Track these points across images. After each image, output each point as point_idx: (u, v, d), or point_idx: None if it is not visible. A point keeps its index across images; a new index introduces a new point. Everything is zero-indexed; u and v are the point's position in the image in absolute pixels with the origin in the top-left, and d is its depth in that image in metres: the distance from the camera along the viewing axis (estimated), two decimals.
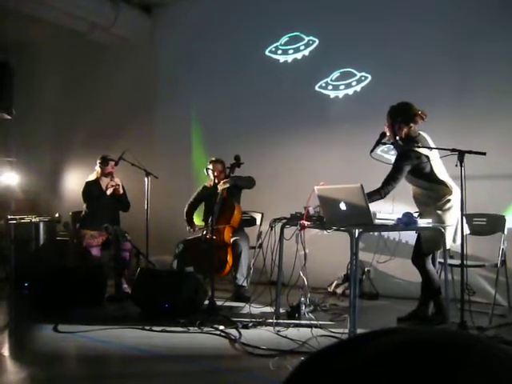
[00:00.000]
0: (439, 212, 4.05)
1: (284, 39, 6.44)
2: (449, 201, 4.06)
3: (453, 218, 4.06)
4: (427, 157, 4.04)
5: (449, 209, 4.06)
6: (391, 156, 5.15)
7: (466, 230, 4.11)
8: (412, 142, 4.07)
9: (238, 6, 6.80)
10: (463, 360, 0.52)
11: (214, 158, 5.71)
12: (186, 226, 5.70)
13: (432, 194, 4.12)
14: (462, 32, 5.27)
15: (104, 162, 5.77)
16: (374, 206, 3.79)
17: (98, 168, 5.83)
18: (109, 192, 5.67)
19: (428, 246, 4.20)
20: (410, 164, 4.04)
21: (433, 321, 4.15)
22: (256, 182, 5.44)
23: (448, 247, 4.11)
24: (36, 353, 3.73)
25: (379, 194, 3.96)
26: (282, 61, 6.47)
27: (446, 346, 0.53)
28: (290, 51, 6.40)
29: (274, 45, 6.52)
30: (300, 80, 6.31)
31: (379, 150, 5.10)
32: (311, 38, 6.24)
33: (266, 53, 6.56)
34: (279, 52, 6.50)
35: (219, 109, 6.91)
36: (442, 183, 4.08)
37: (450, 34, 5.34)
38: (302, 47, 6.32)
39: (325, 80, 6.13)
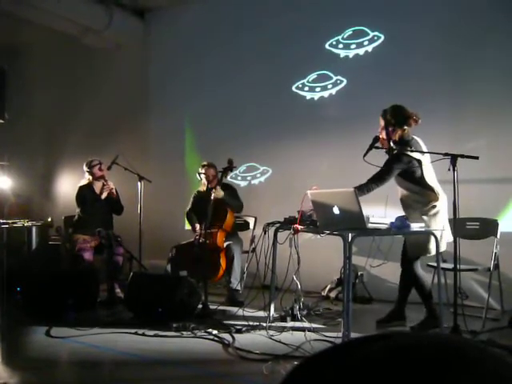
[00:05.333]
0: (425, 217, 4.07)
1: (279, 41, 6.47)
2: (434, 206, 4.08)
3: (438, 223, 4.07)
4: (419, 161, 4.05)
5: (434, 214, 4.08)
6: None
7: (450, 238, 4.13)
8: (405, 145, 4.08)
9: (230, 11, 6.81)
10: (456, 364, 0.52)
11: (205, 163, 5.70)
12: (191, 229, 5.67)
13: (419, 198, 4.13)
14: (458, 39, 5.31)
15: (89, 167, 5.76)
16: (366, 210, 3.79)
17: (87, 175, 5.80)
18: (104, 196, 5.66)
19: (412, 250, 4.23)
20: (400, 167, 4.05)
21: (426, 325, 4.16)
22: (249, 187, 5.43)
23: (433, 253, 4.13)
24: (28, 358, 3.71)
25: (362, 190, 3.95)
26: (273, 67, 6.48)
27: (439, 351, 0.53)
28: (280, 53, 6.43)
29: (265, 52, 6.53)
30: (293, 84, 6.33)
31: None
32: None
33: (259, 58, 6.57)
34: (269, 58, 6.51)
35: (212, 113, 6.91)
36: (430, 189, 4.10)
37: (446, 41, 5.38)
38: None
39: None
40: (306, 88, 6.25)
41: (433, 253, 4.12)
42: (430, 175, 4.13)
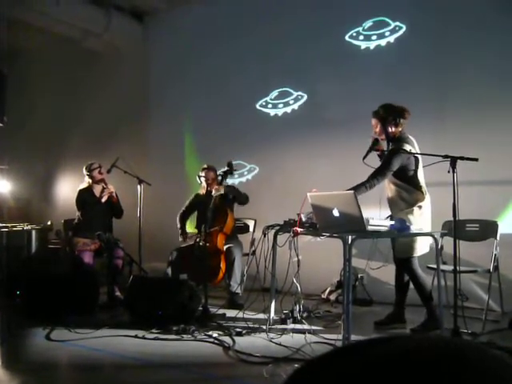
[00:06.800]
0: (411, 217, 4.07)
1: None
2: (420, 207, 4.11)
3: (424, 223, 4.10)
4: (417, 160, 4.08)
5: (420, 215, 4.10)
6: None
7: (431, 240, 4.14)
8: (403, 142, 4.11)
9: (229, 14, 6.82)
10: (456, 367, 0.52)
11: (206, 166, 5.71)
12: (179, 234, 5.67)
13: (407, 196, 4.15)
14: (447, 43, 5.33)
15: (89, 170, 5.76)
16: (363, 212, 3.79)
17: (87, 178, 5.81)
18: (104, 199, 5.66)
19: (400, 251, 4.24)
20: (400, 162, 4.06)
21: (426, 327, 4.16)
22: (249, 188, 5.43)
23: (420, 253, 4.14)
24: (28, 361, 3.70)
25: (365, 186, 3.97)
26: (271, 70, 6.49)
27: (440, 354, 0.54)
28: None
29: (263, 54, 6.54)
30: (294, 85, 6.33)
31: None
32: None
33: (259, 61, 6.58)
34: (269, 61, 6.52)
35: (212, 116, 6.92)
36: (419, 188, 4.13)
37: (433, 45, 5.40)
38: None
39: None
40: (305, 89, 6.26)
41: (419, 253, 4.16)
42: (421, 174, 4.17)
